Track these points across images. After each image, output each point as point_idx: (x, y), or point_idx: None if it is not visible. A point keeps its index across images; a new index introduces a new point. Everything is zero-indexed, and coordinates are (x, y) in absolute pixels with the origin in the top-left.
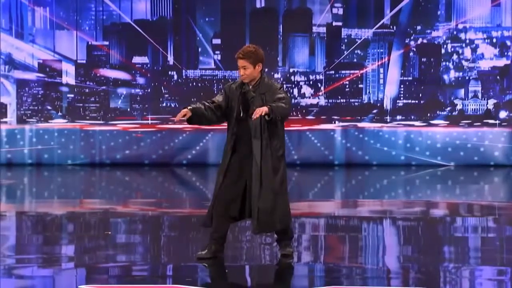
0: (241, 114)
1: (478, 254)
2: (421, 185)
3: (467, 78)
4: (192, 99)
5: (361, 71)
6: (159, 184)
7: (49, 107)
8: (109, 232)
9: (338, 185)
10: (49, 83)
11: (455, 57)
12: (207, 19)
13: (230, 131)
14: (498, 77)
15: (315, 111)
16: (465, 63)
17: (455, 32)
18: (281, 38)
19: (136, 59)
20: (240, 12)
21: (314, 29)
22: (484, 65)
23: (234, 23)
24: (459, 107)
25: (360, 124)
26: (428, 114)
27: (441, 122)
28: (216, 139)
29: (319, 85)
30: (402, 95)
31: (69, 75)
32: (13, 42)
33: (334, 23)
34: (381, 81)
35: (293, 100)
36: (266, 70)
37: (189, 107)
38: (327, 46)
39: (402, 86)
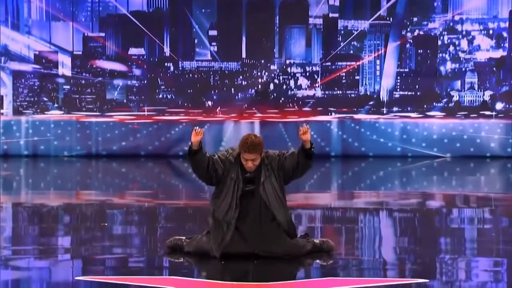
0: (244, 186)
1: (474, 245)
2: (417, 176)
3: (463, 69)
4: (188, 91)
5: (358, 63)
6: (155, 176)
7: (45, 99)
8: (106, 224)
9: (334, 176)
10: (45, 74)
11: (451, 48)
12: (203, 10)
13: (232, 202)
14: (494, 69)
15: (311, 102)
16: (461, 55)
17: (451, 24)
18: (277, 30)
19: (132, 51)
20: (236, 4)
21: (311, 20)
22: (481, 56)
23: (231, 14)
24: (455, 98)
25: (356, 116)
26: (425, 106)
27: (438, 113)
28: (212, 131)
29: (316, 76)
30: (398, 87)
31: (65, 67)
32: (9, 33)
33: (331, 15)
34: (378, 72)
35: (289, 92)
36: (263, 61)
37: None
38: (324, 38)
39: (398, 77)
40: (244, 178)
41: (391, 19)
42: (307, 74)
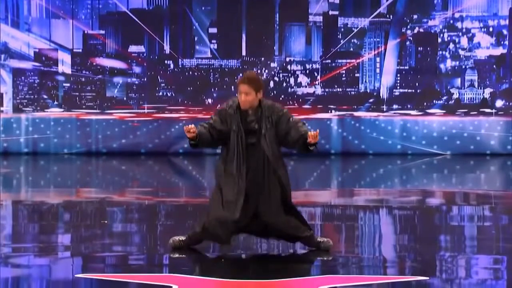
0: (246, 138)
1: (474, 243)
2: (417, 174)
3: (463, 67)
4: (188, 88)
5: (358, 60)
6: (155, 173)
7: (45, 96)
8: (106, 221)
9: (334, 174)
10: (45, 72)
11: (451, 46)
12: (203, 8)
13: (232, 154)
14: (494, 66)
15: (311, 100)
16: (461, 52)
17: (451, 21)
18: (277, 27)
19: (132, 48)
20: (236, 1)
21: (311, 18)
22: (481, 54)
23: (231, 12)
24: (455, 96)
25: (356, 113)
26: (425, 103)
27: (438, 111)
28: None
29: (316, 74)
30: (398, 84)
31: (65, 64)
32: (9, 31)
33: (331, 12)
34: (378, 70)
35: (289, 89)
36: (263, 59)
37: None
38: (324, 35)
39: (398, 75)
40: (245, 130)
41: (391, 16)
42: (307, 71)
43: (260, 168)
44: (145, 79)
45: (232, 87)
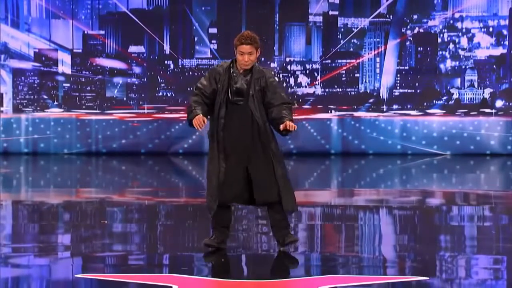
0: (232, 97)
1: (474, 243)
2: (417, 174)
3: (463, 67)
4: (188, 89)
5: (358, 60)
6: (155, 173)
7: (45, 96)
8: (105, 221)
9: (334, 174)
10: (45, 72)
11: (451, 46)
12: (203, 8)
13: (216, 115)
14: (494, 66)
15: (311, 100)
16: (461, 52)
17: (451, 21)
18: (277, 27)
19: (132, 49)
20: (236, 1)
21: (311, 18)
22: (481, 54)
23: (231, 12)
24: (455, 96)
25: (356, 113)
26: (425, 103)
27: (437, 111)
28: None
29: (316, 74)
30: (398, 84)
31: (65, 64)
32: (8, 31)
33: (331, 12)
34: (378, 70)
35: (289, 90)
36: (263, 59)
37: (199, 112)
38: (324, 35)
39: (398, 75)
40: (232, 90)
41: (391, 16)
42: (307, 71)
43: (247, 128)
44: (145, 79)
45: None
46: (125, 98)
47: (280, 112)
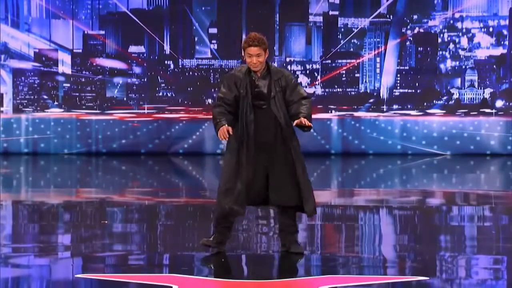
0: (255, 101)
1: (474, 243)
2: (417, 174)
3: (463, 67)
4: (189, 89)
5: (358, 60)
6: (155, 173)
7: (45, 97)
8: (106, 221)
9: (334, 174)
10: (45, 72)
11: (451, 46)
12: (203, 8)
13: (243, 120)
14: (494, 66)
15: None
16: (461, 52)
17: (451, 21)
18: (277, 27)
19: (132, 49)
20: (236, 1)
21: (311, 18)
22: (481, 54)
23: (231, 12)
24: (455, 96)
25: (356, 114)
26: (425, 103)
27: (438, 111)
28: (212, 128)
29: (316, 74)
30: (398, 85)
31: (65, 65)
32: (9, 31)
33: (331, 12)
34: (378, 70)
35: None
36: None
37: (224, 123)
38: (324, 35)
39: (398, 75)
40: (254, 94)
41: (391, 16)
42: (307, 71)
43: (271, 131)
44: (145, 80)
45: None
46: (125, 98)
47: (298, 108)
